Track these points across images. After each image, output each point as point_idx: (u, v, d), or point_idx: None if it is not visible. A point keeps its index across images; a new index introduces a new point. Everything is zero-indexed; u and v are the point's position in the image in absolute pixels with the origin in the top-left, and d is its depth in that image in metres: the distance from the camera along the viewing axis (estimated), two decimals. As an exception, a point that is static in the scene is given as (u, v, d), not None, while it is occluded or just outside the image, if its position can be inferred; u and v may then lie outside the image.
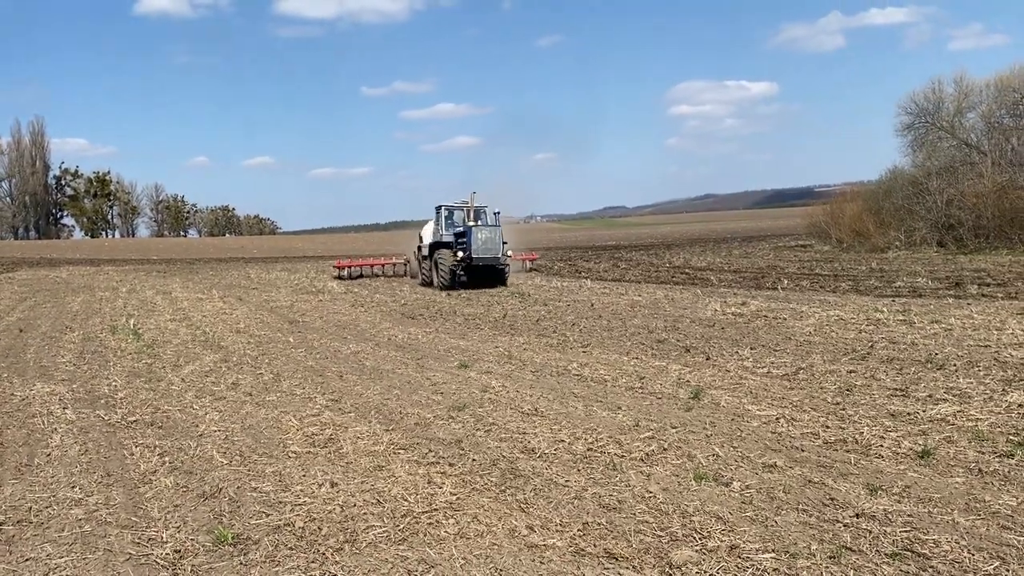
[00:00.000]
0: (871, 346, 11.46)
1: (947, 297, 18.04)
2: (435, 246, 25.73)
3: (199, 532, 5.20)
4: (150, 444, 7.37)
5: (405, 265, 32.78)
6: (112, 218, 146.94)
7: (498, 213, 26.05)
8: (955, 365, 9.75)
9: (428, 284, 26.07)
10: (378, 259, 35.29)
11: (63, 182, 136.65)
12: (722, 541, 4.75)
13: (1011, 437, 6.71)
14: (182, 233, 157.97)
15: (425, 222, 28.97)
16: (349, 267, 33.24)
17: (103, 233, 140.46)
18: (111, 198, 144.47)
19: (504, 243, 25.23)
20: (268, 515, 5.46)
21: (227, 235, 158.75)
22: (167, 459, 6.87)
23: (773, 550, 4.61)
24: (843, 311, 15.45)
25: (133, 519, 5.47)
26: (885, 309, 15.50)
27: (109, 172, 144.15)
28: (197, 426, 8.02)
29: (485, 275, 24.93)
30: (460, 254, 23.89)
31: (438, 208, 26.75)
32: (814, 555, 4.53)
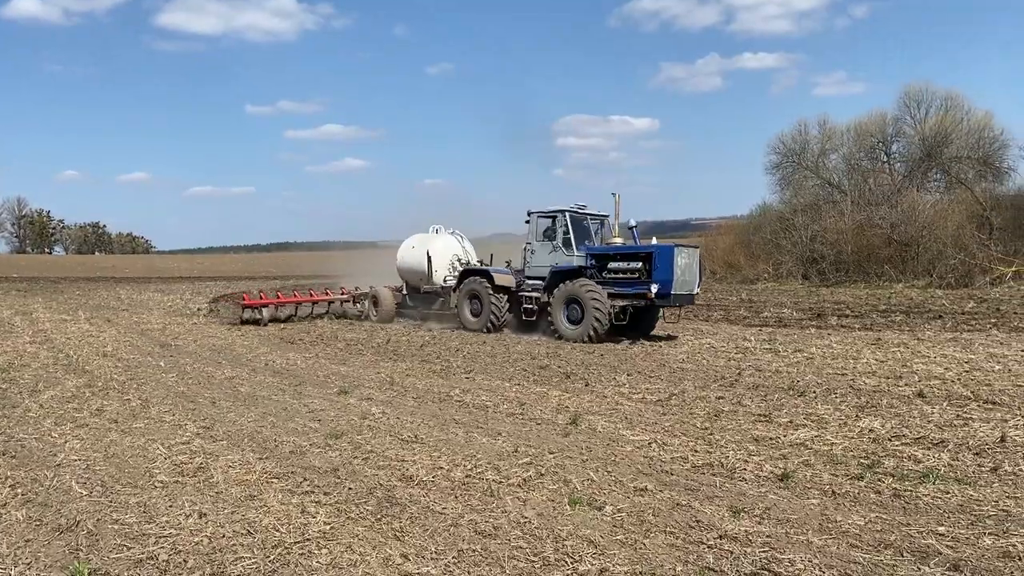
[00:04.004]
0: (739, 373, 12.03)
1: (810, 327, 19.14)
2: (561, 275, 17.46)
3: (52, 568, 4.91)
4: (1, 475, 6.90)
5: (355, 302, 23.34)
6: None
7: (635, 227, 18.28)
8: (815, 392, 10.35)
9: (494, 328, 18.62)
10: (315, 293, 24.16)
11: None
12: (593, 565, 4.87)
13: (862, 460, 7.17)
14: (47, 250, 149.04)
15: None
16: (268, 305, 21.54)
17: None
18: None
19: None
20: (129, 548, 5.21)
21: (97, 253, 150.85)
22: (19, 491, 6.45)
23: (641, 572, 4.76)
24: (714, 339, 16.15)
25: (-22, 556, 5.11)
26: (753, 338, 16.30)
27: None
28: (55, 455, 7.57)
29: (640, 316, 17.56)
30: (654, 289, 15.97)
31: (551, 215, 18.43)
32: (679, 576, 4.71)
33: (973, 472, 6.77)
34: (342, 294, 23.75)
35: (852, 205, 36.63)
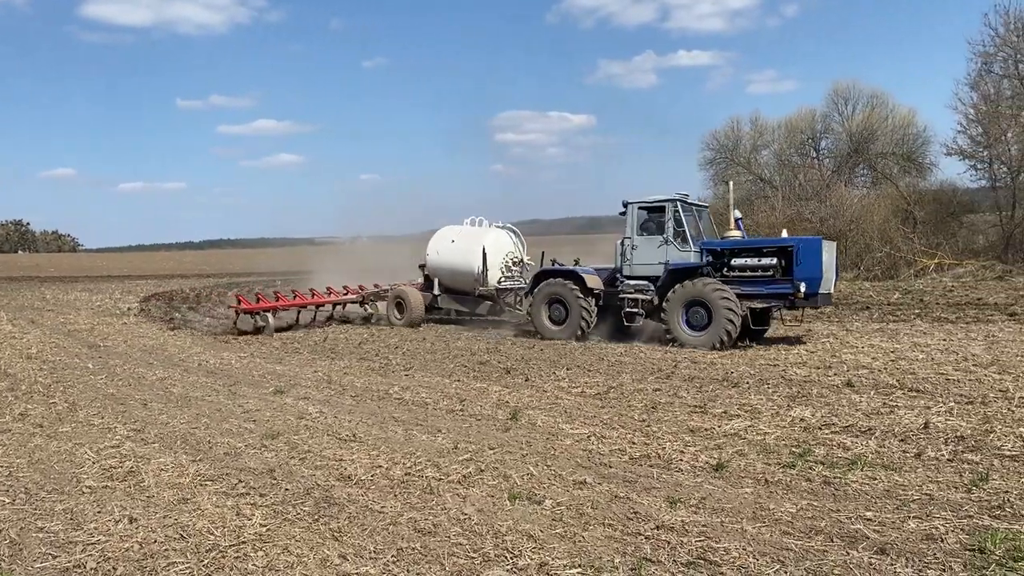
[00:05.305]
0: (675, 365, 12.22)
1: (744, 319, 19.47)
2: (679, 273, 15.15)
3: (-28, 581, 4.72)
4: (-84, 485, 6.61)
5: (364, 304, 20.90)
6: None
7: (740, 218, 16.82)
8: (748, 383, 10.57)
9: (583, 336, 16.16)
10: (318, 294, 20.51)
11: None
12: (532, 559, 4.89)
13: (793, 449, 7.35)
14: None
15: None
16: (272, 310, 18.64)
17: None
18: None
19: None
20: (56, 557, 5.04)
21: (19, 252, 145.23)
22: (-63, 501, 6.19)
23: (580, 565, 4.80)
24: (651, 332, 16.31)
25: None
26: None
27: None
28: (-25, 463, 7.28)
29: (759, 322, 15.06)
30: (802, 288, 14.04)
31: (656, 205, 15.95)
32: (617, 568, 4.76)
33: (899, 458, 7.00)
34: (346, 294, 20.95)
35: (783, 200, 37.49)
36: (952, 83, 54.69)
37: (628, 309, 15.83)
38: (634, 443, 7.69)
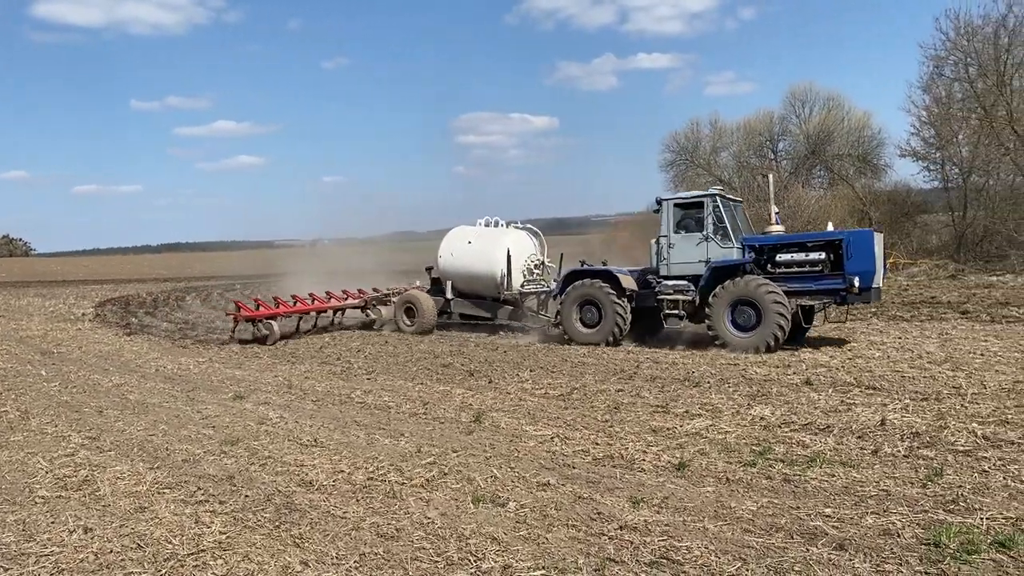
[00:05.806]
0: (637, 366, 12.30)
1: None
2: (724, 272, 14.32)
3: (-81, 596, 4.59)
4: None
5: (366, 309, 19.68)
6: None
7: (778, 212, 16.04)
8: (709, 382, 10.67)
9: (617, 340, 15.20)
10: (319, 299, 18.90)
11: None
12: (496, 562, 4.88)
13: (754, 447, 7.43)
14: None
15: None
16: (277, 316, 17.16)
17: None
18: None
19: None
20: (7, 570, 4.91)
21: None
22: None
23: (543, 567, 4.80)
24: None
25: None
26: (651, 331, 16.60)
27: None
28: (-78, 474, 7.08)
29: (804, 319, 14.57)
30: (856, 283, 13.26)
31: (693, 201, 15.11)
32: (581, 569, 4.77)
33: (856, 455, 7.11)
34: (346, 298, 19.62)
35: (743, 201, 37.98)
36: (906, 86, 55.95)
37: (667, 311, 15.03)
38: (597, 444, 7.72)
